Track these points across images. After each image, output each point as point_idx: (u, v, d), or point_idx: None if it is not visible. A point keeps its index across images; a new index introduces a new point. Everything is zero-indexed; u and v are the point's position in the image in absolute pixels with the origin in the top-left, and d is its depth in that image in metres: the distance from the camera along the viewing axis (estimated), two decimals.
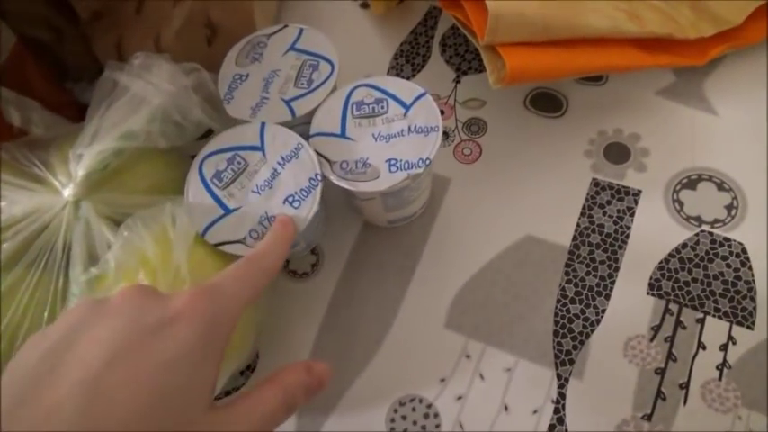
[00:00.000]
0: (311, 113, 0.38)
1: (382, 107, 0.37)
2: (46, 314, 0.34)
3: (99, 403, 0.21)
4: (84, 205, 0.34)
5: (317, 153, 0.36)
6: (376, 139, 0.36)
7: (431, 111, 0.37)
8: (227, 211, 0.35)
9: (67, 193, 0.34)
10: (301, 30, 0.42)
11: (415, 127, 0.36)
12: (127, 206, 0.35)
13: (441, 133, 0.36)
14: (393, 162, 0.35)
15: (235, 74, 0.40)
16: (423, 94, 0.37)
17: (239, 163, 0.36)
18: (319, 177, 0.35)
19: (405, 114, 0.37)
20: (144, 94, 0.36)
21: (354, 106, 0.37)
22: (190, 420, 0.22)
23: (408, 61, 0.51)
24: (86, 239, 0.33)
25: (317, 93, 0.39)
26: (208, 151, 0.36)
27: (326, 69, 0.39)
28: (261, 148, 0.36)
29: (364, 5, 0.55)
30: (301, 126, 0.37)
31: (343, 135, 0.37)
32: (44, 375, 0.21)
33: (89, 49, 0.48)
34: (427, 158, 0.35)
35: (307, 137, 0.37)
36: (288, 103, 0.38)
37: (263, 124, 0.37)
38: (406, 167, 0.35)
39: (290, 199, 0.35)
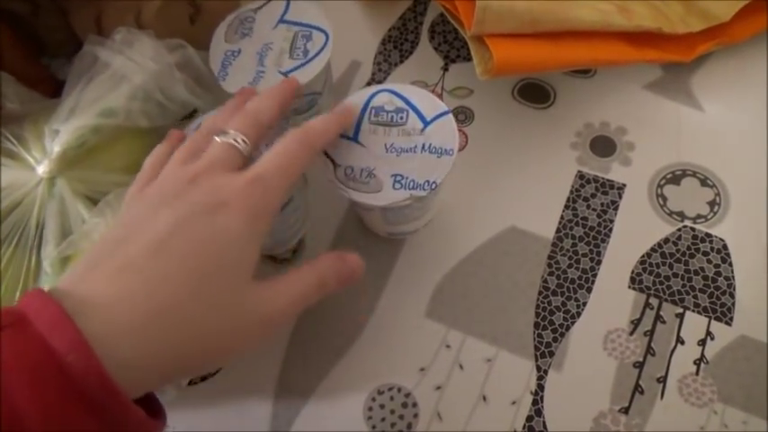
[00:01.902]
0: (312, 83, 0.37)
1: (401, 117, 0.35)
2: (18, 293, 0.33)
3: (163, 258, 0.25)
4: (60, 182, 0.33)
5: (324, 153, 0.34)
6: (387, 150, 0.34)
7: (449, 132, 0.34)
8: None
9: (42, 169, 0.33)
10: (288, 2, 0.41)
11: (430, 146, 0.34)
12: (104, 184, 0.34)
13: (454, 158, 0.33)
14: (398, 178, 0.33)
15: (226, 50, 0.39)
16: (445, 113, 0.35)
17: None
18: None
19: (422, 130, 0.34)
20: (125, 70, 0.35)
21: (373, 111, 0.35)
22: (233, 288, 0.27)
23: (396, 47, 0.51)
24: (61, 217, 0.32)
25: (315, 62, 0.38)
26: (200, 121, 0.36)
27: (320, 38, 0.39)
28: None
29: None
30: (303, 97, 0.36)
31: (355, 139, 0.35)
32: (118, 244, 0.26)
33: (67, 24, 0.47)
34: (434, 182, 0.33)
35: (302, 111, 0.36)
36: (286, 74, 0.38)
37: None
38: (411, 187, 0.33)
39: None
